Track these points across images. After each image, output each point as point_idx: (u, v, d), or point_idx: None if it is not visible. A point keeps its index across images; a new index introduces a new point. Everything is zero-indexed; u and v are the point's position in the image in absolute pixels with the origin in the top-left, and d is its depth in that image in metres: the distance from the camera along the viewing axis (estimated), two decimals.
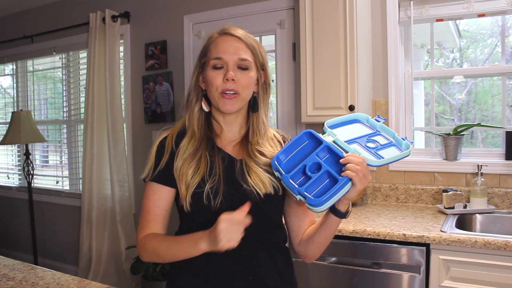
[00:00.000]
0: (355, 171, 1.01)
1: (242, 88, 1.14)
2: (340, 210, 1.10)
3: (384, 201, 2.51)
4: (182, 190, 1.11)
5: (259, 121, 1.20)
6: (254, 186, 1.11)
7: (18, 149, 4.44)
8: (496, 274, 1.69)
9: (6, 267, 1.52)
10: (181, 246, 1.07)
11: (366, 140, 1.14)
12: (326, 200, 1.02)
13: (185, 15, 3.19)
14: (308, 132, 1.14)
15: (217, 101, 1.14)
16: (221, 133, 1.21)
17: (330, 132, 1.13)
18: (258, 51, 1.17)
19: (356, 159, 1.03)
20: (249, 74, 1.15)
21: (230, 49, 1.13)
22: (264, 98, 1.21)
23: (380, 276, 1.88)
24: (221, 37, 1.16)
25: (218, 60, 1.13)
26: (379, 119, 1.19)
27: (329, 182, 1.06)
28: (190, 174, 1.10)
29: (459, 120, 3.13)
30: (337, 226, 1.15)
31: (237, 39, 1.14)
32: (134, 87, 3.50)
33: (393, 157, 1.08)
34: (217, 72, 1.13)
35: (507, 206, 2.21)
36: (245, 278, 1.12)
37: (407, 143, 1.11)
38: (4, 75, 4.66)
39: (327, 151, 1.10)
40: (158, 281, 3.00)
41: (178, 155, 1.14)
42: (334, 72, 2.30)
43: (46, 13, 4.00)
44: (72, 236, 3.87)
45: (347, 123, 1.20)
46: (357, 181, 1.02)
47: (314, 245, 1.19)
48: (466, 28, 3.11)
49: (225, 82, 1.12)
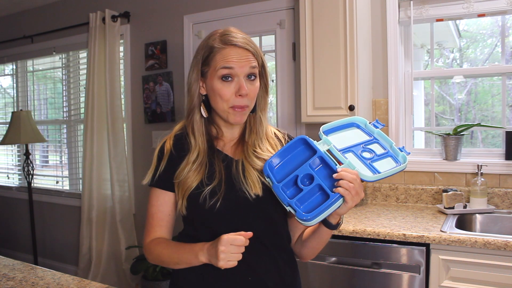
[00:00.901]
0: (348, 189, 1.00)
1: (252, 100, 1.14)
2: (331, 222, 1.10)
3: (384, 201, 2.51)
4: (179, 196, 1.13)
5: (256, 121, 1.20)
6: (248, 187, 1.11)
7: (18, 149, 4.44)
8: (496, 274, 1.69)
9: (6, 267, 1.52)
10: (182, 256, 1.10)
11: (362, 148, 1.10)
12: (316, 216, 1.01)
13: (185, 15, 3.19)
14: (303, 139, 1.12)
15: (226, 113, 1.13)
16: (221, 135, 1.21)
17: (326, 139, 1.10)
18: (260, 55, 1.16)
19: (350, 175, 1.01)
20: (257, 84, 1.15)
21: (240, 60, 1.10)
22: (263, 98, 1.21)
23: (380, 276, 1.89)
24: (227, 48, 1.11)
25: (228, 70, 1.10)
26: (377, 125, 1.15)
27: (320, 197, 1.04)
28: (190, 182, 1.12)
29: (459, 120, 3.13)
30: (328, 236, 1.15)
31: (244, 50, 1.12)
32: (134, 87, 3.50)
33: (388, 171, 1.04)
34: (226, 85, 1.11)
35: (507, 206, 2.21)
36: (244, 279, 1.11)
37: (404, 156, 1.06)
38: (4, 75, 4.66)
39: (320, 161, 1.07)
40: (158, 281, 3.00)
41: (184, 168, 1.14)
42: (334, 72, 2.30)
43: (46, 13, 4.00)
44: (72, 236, 3.87)
45: (344, 128, 1.17)
46: (349, 199, 1.01)
47: (307, 250, 1.21)
48: (466, 28, 3.11)
49: (238, 98, 1.11)
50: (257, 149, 1.17)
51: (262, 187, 1.12)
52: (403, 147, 1.11)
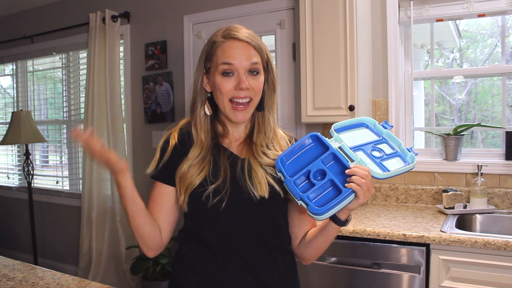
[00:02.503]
0: (360, 184, 1.01)
1: (255, 93, 1.12)
2: (340, 218, 1.10)
3: (384, 201, 2.51)
4: (181, 193, 1.11)
5: (264, 120, 1.19)
6: (253, 187, 1.10)
7: (18, 149, 4.44)
8: (496, 274, 1.69)
9: (6, 267, 1.52)
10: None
11: (372, 148, 1.13)
12: (328, 210, 1.02)
13: (185, 15, 3.19)
14: (315, 135, 1.13)
15: (227, 110, 1.12)
16: (227, 133, 1.20)
17: (337, 137, 1.12)
18: (264, 51, 1.14)
19: (362, 171, 1.02)
20: (260, 79, 1.13)
21: (240, 54, 1.09)
22: (271, 97, 1.19)
23: (380, 276, 1.88)
24: (227, 41, 1.11)
25: (227, 66, 1.09)
26: (386, 126, 1.17)
27: (332, 191, 1.05)
28: (193, 178, 1.10)
29: (459, 120, 3.13)
30: (336, 233, 1.15)
31: (245, 44, 1.11)
32: (134, 87, 3.50)
33: (398, 170, 1.07)
34: (226, 79, 1.10)
35: (507, 206, 2.21)
36: (245, 280, 1.11)
37: (412, 156, 1.09)
38: (4, 75, 4.66)
39: (332, 157, 1.09)
40: (158, 281, 3.00)
41: (185, 162, 1.13)
42: (334, 72, 2.30)
43: (46, 13, 4.00)
44: (72, 236, 3.87)
45: (354, 127, 1.19)
46: (361, 195, 1.02)
47: (312, 249, 1.20)
48: (466, 28, 3.12)
49: (237, 91, 1.09)
50: (265, 148, 1.16)
51: (269, 189, 1.11)
52: (411, 147, 1.13)
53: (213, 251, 1.11)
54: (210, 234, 1.11)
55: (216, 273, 1.11)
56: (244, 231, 1.11)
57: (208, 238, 1.12)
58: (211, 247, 1.12)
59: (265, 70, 1.16)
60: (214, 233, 1.11)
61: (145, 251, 1.16)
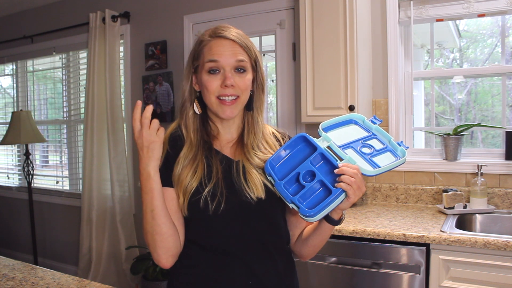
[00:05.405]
0: (350, 183, 1.00)
1: (242, 91, 1.12)
2: (333, 218, 1.10)
3: (384, 201, 2.51)
4: (180, 196, 1.10)
5: (253, 120, 1.18)
6: (249, 189, 1.10)
7: (18, 149, 4.44)
8: (496, 274, 1.69)
9: (6, 267, 1.52)
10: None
11: (361, 144, 1.12)
12: (319, 211, 1.02)
13: (185, 15, 3.19)
14: (302, 136, 1.12)
15: (215, 107, 1.12)
16: (218, 134, 1.19)
17: (325, 136, 1.11)
18: (252, 50, 1.14)
19: (351, 170, 1.02)
20: (247, 76, 1.13)
21: (226, 52, 1.09)
22: (259, 97, 1.19)
23: (380, 276, 1.88)
24: (214, 40, 1.11)
25: (213, 63, 1.09)
26: (375, 121, 1.17)
27: (323, 192, 1.05)
28: (188, 180, 1.09)
29: (459, 120, 3.13)
30: (330, 232, 1.15)
31: (232, 42, 1.11)
32: (134, 87, 3.50)
33: (388, 166, 1.06)
34: (213, 77, 1.10)
35: (507, 206, 2.21)
36: (245, 283, 1.10)
37: (403, 150, 1.08)
38: (4, 75, 4.66)
39: (321, 157, 1.08)
40: (158, 281, 3.00)
41: (178, 163, 1.12)
42: (334, 72, 2.30)
43: (46, 13, 4.00)
44: (72, 236, 3.87)
45: (343, 124, 1.18)
46: (351, 194, 1.01)
47: (308, 248, 1.20)
48: (466, 28, 3.12)
49: (223, 88, 1.09)
50: (257, 150, 1.16)
51: (265, 189, 1.11)
52: (402, 141, 1.12)
53: (212, 254, 1.11)
54: (210, 237, 1.11)
55: (215, 276, 1.10)
56: (243, 234, 1.10)
57: (207, 241, 1.11)
58: (210, 250, 1.11)
59: (254, 70, 1.15)
60: (214, 237, 1.10)
61: (164, 259, 1.09)
